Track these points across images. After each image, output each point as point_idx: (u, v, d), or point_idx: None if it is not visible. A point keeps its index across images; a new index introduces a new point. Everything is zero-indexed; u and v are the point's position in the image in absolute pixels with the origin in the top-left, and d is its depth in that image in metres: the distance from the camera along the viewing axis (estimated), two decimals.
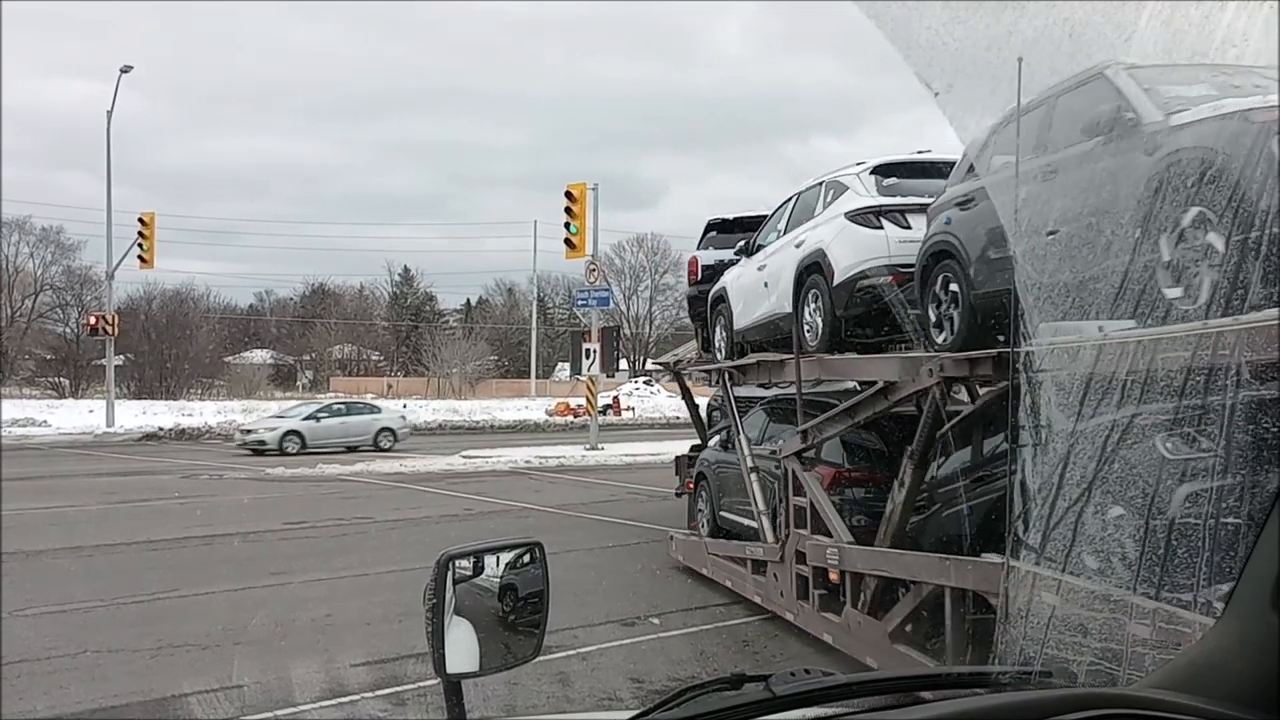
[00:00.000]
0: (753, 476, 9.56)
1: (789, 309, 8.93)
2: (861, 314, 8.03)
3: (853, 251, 8.07)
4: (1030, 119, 5.77)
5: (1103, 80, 5.40)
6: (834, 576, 7.65)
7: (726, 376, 10.65)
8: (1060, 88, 5.69)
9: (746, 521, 9.78)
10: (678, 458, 13.44)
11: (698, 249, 12.77)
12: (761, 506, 9.31)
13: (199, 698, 6.67)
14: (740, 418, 10.21)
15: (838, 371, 8.61)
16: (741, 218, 12.16)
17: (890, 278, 7.65)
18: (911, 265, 7.24)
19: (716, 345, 11.19)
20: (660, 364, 27.09)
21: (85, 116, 79.79)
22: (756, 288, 9.92)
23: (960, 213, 6.70)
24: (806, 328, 8.67)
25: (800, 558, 8.14)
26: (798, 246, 8.94)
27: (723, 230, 12.41)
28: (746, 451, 9.76)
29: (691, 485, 12.13)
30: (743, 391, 10.78)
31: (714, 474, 11.16)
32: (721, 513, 10.76)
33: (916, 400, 7.02)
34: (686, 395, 13.59)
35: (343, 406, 31.45)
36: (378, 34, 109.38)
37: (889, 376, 7.51)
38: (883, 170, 8.37)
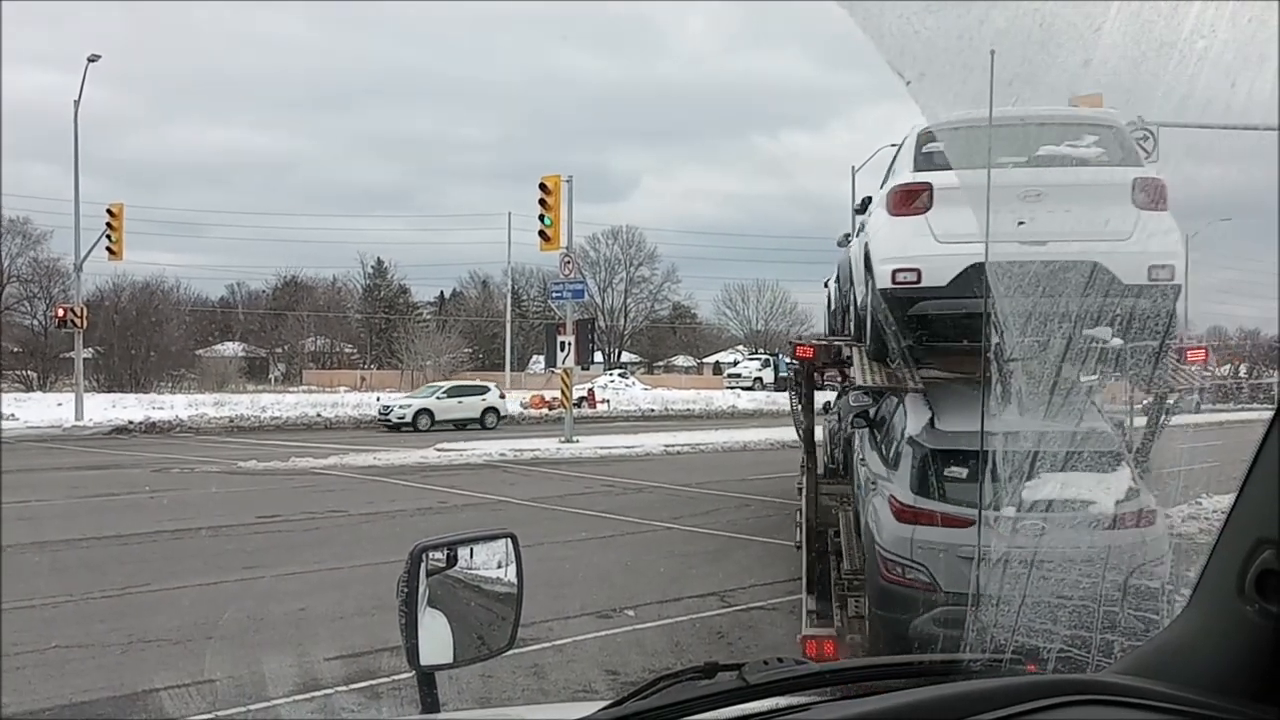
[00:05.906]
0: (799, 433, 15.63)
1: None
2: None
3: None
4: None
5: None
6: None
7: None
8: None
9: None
10: None
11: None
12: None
13: (171, 693, 6.62)
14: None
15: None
16: None
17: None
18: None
19: None
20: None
21: (49, 106, 78.26)
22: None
23: (833, 282, 11.88)
24: None
25: None
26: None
27: None
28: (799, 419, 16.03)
29: None
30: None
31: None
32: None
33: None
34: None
35: None
36: (343, 24, 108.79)
37: None
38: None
